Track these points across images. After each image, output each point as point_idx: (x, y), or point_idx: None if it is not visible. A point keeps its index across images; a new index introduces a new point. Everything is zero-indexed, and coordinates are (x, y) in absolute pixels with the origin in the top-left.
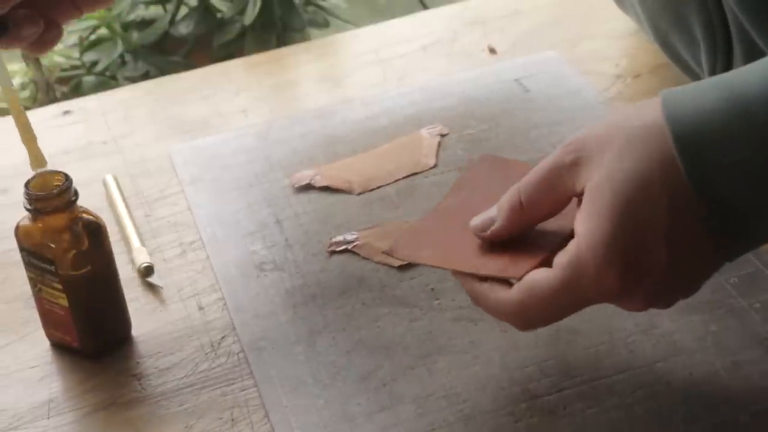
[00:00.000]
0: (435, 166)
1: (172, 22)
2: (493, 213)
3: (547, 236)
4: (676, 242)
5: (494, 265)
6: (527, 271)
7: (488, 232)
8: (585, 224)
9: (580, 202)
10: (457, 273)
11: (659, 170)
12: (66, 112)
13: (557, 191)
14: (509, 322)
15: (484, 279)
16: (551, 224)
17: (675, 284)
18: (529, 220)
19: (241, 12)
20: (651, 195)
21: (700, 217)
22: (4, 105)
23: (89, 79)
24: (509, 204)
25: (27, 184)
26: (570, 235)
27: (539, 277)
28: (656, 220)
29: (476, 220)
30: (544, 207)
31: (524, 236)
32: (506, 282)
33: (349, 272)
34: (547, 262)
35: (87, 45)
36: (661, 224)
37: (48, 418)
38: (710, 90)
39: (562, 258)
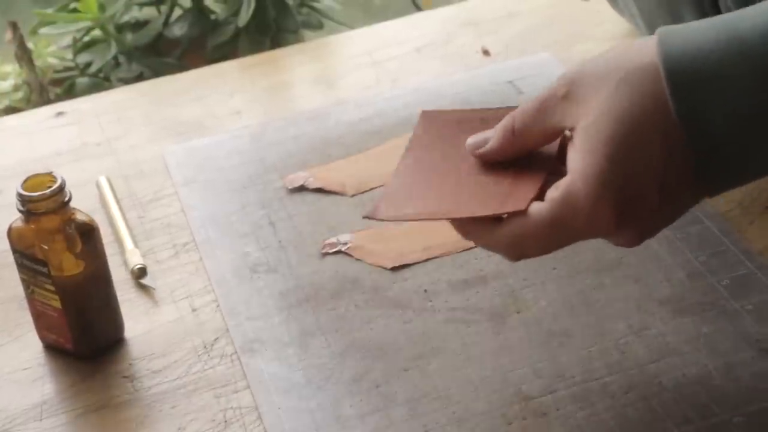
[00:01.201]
0: None
1: (166, 23)
2: (489, 134)
3: (533, 169)
4: (666, 181)
5: (492, 204)
6: (530, 203)
7: (480, 150)
8: (579, 161)
9: (569, 137)
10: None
11: (652, 110)
12: (59, 114)
13: (548, 122)
14: (502, 254)
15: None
16: (535, 156)
17: (663, 219)
18: (520, 147)
19: (235, 14)
20: (644, 134)
21: (689, 156)
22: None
23: (83, 81)
24: (503, 128)
25: (20, 186)
26: (558, 169)
27: (533, 210)
28: (648, 160)
29: (472, 139)
30: (534, 136)
31: (512, 170)
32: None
33: (343, 274)
34: (539, 196)
35: (80, 46)
36: (652, 164)
37: (41, 419)
38: (708, 29)
39: (554, 193)
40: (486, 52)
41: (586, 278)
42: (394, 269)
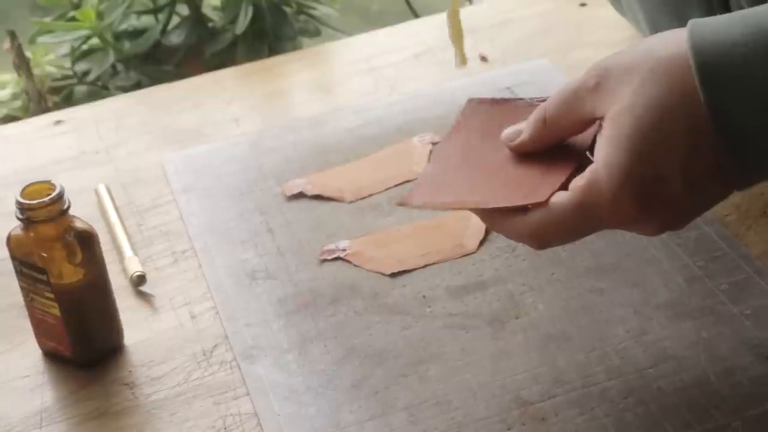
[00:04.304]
0: None
1: (164, 31)
2: (523, 126)
3: (563, 161)
4: (692, 173)
5: (516, 195)
6: (551, 195)
7: (514, 143)
8: (604, 150)
9: (600, 127)
10: (477, 210)
11: (680, 101)
12: (58, 122)
13: (578, 113)
14: (526, 243)
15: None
16: (568, 148)
17: (689, 211)
18: (551, 137)
19: (233, 21)
20: (670, 126)
21: (716, 147)
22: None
23: (81, 89)
24: (534, 119)
25: (19, 194)
26: (586, 160)
27: (556, 199)
28: (674, 151)
29: (507, 131)
30: (564, 126)
31: (543, 161)
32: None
33: (341, 280)
34: (565, 186)
35: (78, 55)
36: (678, 155)
37: (40, 427)
38: (737, 22)
39: (579, 182)
40: (483, 59)
41: (585, 283)
42: (393, 275)
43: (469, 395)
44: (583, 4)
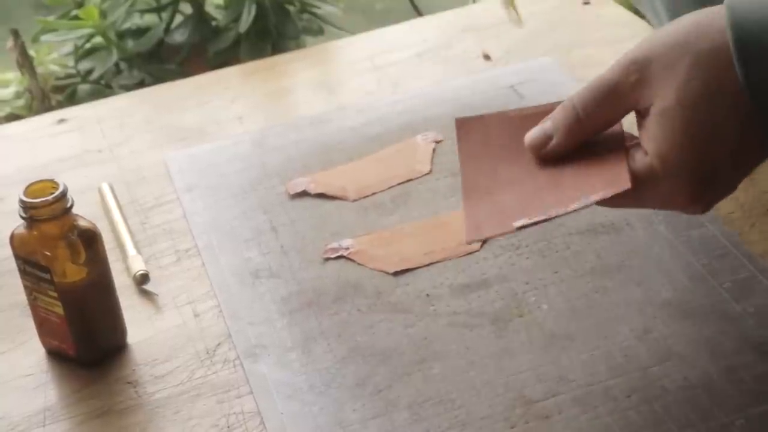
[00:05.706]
0: (430, 172)
1: (167, 30)
2: (548, 129)
3: (605, 148)
4: (741, 158)
5: (596, 189)
6: (628, 181)
7: (548, 148)
8: (655, 145)
9: (639, 115)
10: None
11: (723, 91)
12: (61, 121)
13: (618, 106)
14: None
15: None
16: (602, 137)
17: (734, 184)
18: (586, 135)
19: (236, 20)
20: (718, 117)
21: (759, 124)
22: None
23: (84, 88)
24: (566, 120)
25: (22, 193)
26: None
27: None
28: (724, 141)
29: (532, 138)
30: (602, 120)
31: (583, 154)
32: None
33: (345, 279)
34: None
35: (82, 53)
36: (728, 142)
37: (44, 426)
38: None
39: (638, 167)
40: (487, 57)
41: (588, 282)
42: (396, 274)
43: (473, 393)
44: (586, 2)
